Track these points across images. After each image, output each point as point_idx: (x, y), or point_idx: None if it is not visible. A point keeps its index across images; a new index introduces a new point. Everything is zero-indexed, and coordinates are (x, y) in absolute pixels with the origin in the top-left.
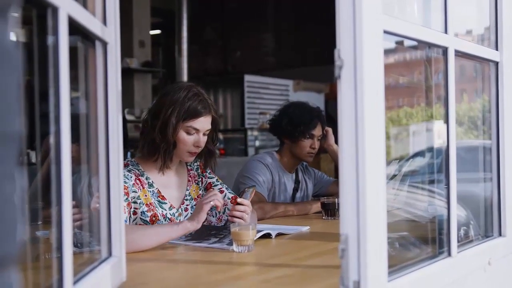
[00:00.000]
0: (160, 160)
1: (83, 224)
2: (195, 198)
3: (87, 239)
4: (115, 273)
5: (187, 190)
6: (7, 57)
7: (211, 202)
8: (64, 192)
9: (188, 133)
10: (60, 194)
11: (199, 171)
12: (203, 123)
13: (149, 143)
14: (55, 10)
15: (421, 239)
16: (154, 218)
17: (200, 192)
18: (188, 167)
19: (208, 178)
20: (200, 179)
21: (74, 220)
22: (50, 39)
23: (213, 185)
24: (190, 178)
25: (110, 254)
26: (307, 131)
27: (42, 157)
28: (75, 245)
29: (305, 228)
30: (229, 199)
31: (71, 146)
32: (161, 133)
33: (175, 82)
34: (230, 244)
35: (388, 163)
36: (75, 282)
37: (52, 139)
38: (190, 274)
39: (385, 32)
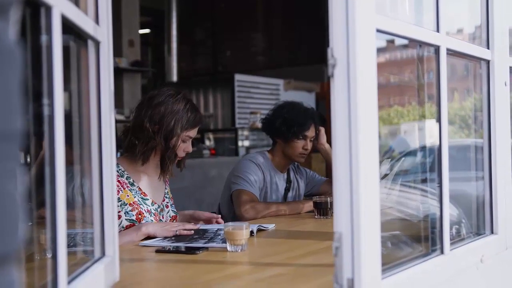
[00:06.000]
0: (155, 165)
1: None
2: (171, 198)
3: (79, 239)
4: (108, 273)
5: (166, 189)
6: (9, 55)
7: (177, 232)
8: (58, 192)
9: (183, 141)
10: (54, 194)
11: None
12: (196, 131)
13: (151, 150)
14: (48, 9)
15: (413, 238)
16: (140, 216)
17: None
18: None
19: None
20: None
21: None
22: (43, 38)
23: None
24: (166, 179)
25: (103, 254)
26: (301, 132)
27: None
28: (68, 245)
29: (271, 226)
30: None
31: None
32: (165, 142)
33: (162, 88)
34: (224, 242)
35: (380, 162)
36: (69, 282)
37: (45, 140)
38: (183, 274)
39: (378, 30)
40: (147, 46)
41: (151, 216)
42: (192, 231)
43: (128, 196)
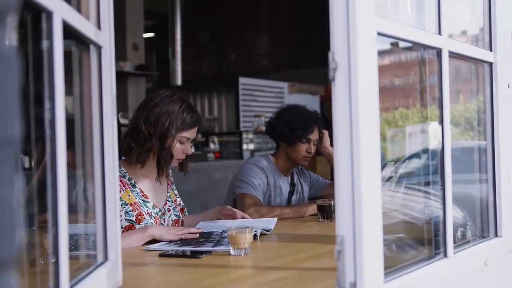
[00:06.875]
0: (155, 168)
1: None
2: (174, 201)
3: (82, 241)
4: (111, 278)
5: (168, 192)
6: (6, 62)
7: (182, 236)
8: (60, 196)
9: (181, 142)
10: (56, 199)
11: (172, 178)
12: (194, 132)
13: (147, 151)
14: (49, 14)
15: (417, 241)
16: (140, 217)
17: (176, 197)
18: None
19: (175, 189)
20: (173, 186)
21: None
22: (44, 43)
23: (177, 196)
24: (169, 182)
25: (106, 258)
26: (304, 135)
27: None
28: (70, 249)
29: (273, 221)
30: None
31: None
32: (160, 143)
33: (159, 90)
34: (229, 246)
35: (384, 164)
36: (71, 287)
37: (47, 144)
38: (186, 278)
39: (379, 34)
40: (152, 50)
41: (151, 218)
42: (197, 235)
43: (129, 196)
